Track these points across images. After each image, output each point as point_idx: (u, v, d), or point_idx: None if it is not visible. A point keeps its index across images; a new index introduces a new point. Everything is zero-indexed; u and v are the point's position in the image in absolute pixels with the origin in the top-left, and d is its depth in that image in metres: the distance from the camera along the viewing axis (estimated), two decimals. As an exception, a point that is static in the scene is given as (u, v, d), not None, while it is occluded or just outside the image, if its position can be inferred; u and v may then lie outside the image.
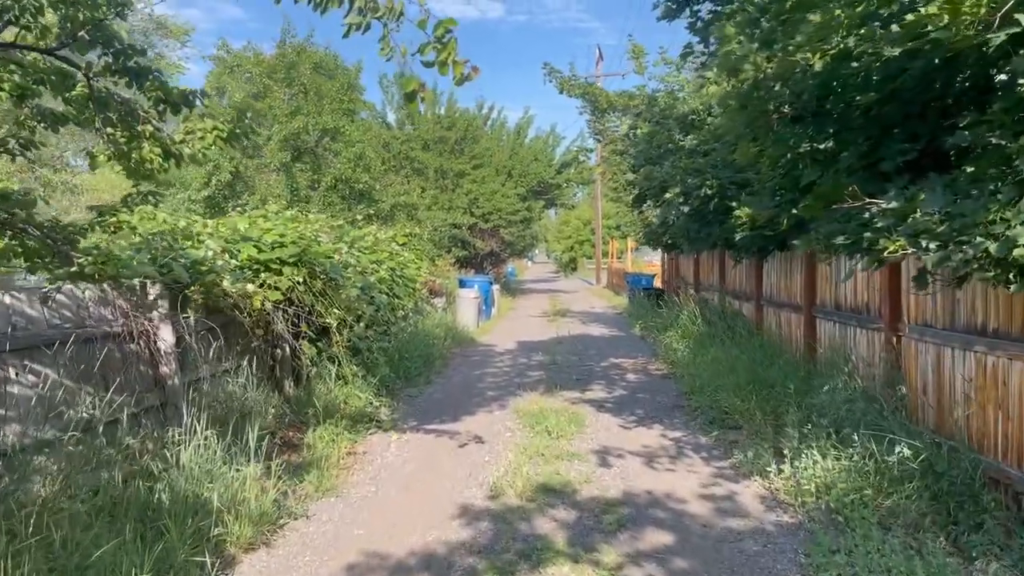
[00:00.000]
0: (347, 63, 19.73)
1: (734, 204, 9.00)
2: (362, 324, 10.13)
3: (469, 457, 7.27)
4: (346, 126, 17.36)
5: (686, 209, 9.71)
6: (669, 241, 14.90)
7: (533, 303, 29.47)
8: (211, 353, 7.28)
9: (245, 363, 7.82)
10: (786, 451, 6.42)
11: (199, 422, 6.13)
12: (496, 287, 23.11)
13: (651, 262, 41.91)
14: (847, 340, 8.12)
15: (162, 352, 6.54)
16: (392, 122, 30.36)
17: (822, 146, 4.63)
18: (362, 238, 11.11)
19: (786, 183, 5.12)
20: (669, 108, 11.69)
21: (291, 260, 8.25)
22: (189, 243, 7.63)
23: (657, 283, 23.83)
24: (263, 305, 7.97)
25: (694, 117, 10.97)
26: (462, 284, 20.14)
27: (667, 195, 9.75)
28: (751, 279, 12.06)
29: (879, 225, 4.00)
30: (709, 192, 9.29)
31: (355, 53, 32.15)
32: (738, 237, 9.03)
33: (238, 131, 5.04)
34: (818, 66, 4.15)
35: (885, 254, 3.87)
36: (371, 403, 9.03)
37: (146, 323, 6.40)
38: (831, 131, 4.63)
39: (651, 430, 8.22)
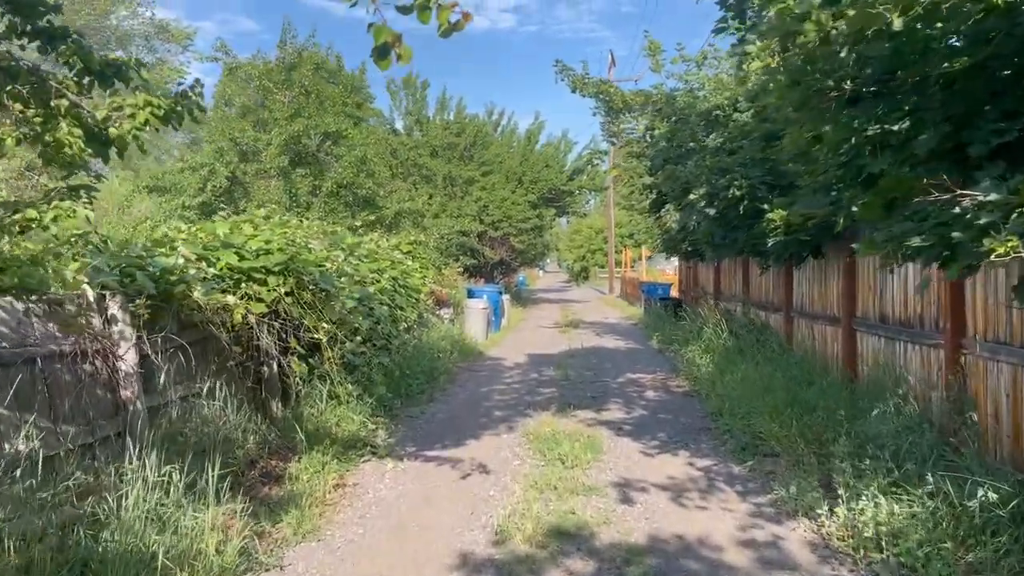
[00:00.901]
0: (352, 66, 19.04)
1: (765, 206, 8.19)
2: (359, 338, 9.33)
3: (472, 490, 6.44)
4: (349, 129, 16.63)
5: (712, 212, 8.89)
6: (689, 248, 14.04)
7: (544, 313, 28.63)
8: (183, 373, 6.50)
9: (223, 383, 7.05)
10: (837, 487, 5.57)
11: (160, 454, 5.35)
12: (506, 297, 22.30)
13: (664, 271, 41.01)
14: (896, 357, 7.25)
15: (123, 373, 5.75)
16: (400, 128, 29.69)
17: (895, 127, 3.80)
18: (359, 245, 10.33)
19: (845, 176, 4.27)
20: (690, 106, 10.88)
21: (277, 269, 7.48)
22: (161, 250, 6.87)
23: (673, 293, 22.95)
24: (245, 319, 7.22)
25: (719, 113, 10.15)
26: (470, 294, 19.34)
27: (691, 197, 8.91)
28: (780, 288, 11.19)
29: (982, 222, 3.16)
30: (738, 193, 8.46)
31: (361, 56, 31.52)
32: (770, 242, 8.19)
33: (180, 108, 4.24)
34: (897, 24, 3.33)
35: (993, 257, 3.02)
36: (366, 426, 8.23)
37: (103, 340, 5.63)
38: (907, 109, 3.79)
39: (676, 457, 7.36)
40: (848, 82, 4.04)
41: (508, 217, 28.73)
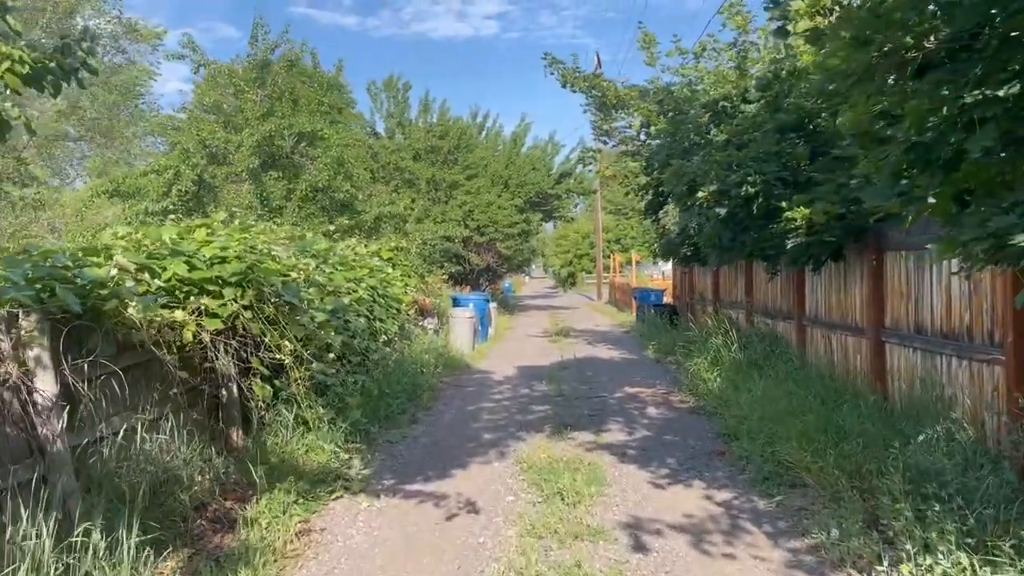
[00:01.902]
0: (328, 66, 18.06)
1: (783, 204, 7.34)
2: (331, 355, 8.40)
3: (459, 536, 5.53)
4: (324, 130, 15.69)
5: (722, 212, 8.05)
6: (688, 252, 13.19)
7: (532, 321, 27.74)
8: (119, 404, 5.56)
9: (171, 413, 6.11)
10: (890, 531, 4.71)
11: (89, 501, 4.43)
12: (493, 305, 21.39)
13: (652, 276, 40.27)
14: (937, 373, 6.41)
15: (39, 406, 4.80)
16: (381, 131, 28.77)
17: (1001, 92, 2.94)
18: (331, 251, 9.40)
19: (917, 160, 3.40)
20: (691, 100, 10.06)
21: (234, 279, 6.55)
22: (95, 259, 5.93)
23: (666, 299, 22.12)
24: (198, 337, 6.29)
25: (726, 104, 9.32)
26: (456, 302, 18.42)
27: (699, 195, 8.08)
28: (790, 295, 10.36)
29: None
30: (751, 190, 7.62)
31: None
32: (789, 244, 7.34)
33: (56, 66, 3.30)
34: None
35: None
36: (338, 455, 7.29)
37: (14, 368, 4.68)
38: (1017, 69, 2.94)
39: (690, 489, 6.48)
40: (932, 38, 3.18)
41: (494, 222, 27.86)
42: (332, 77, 17.18)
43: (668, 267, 45.47)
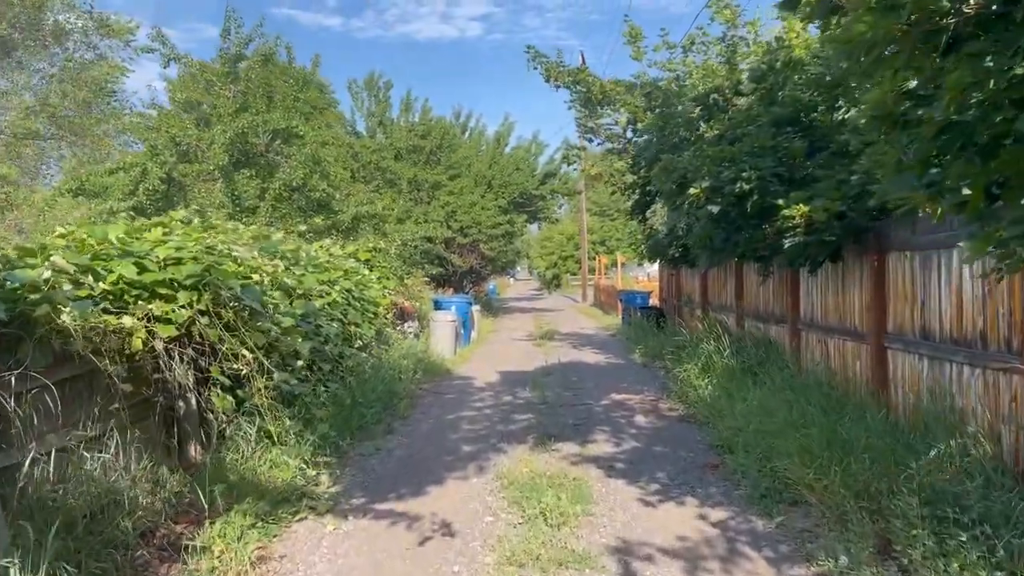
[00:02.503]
0: (305, 61, 17.47)
1: (780, 202, 6.91)
2: (300, 363, 7.89)
3: (433, 564, 5.04)
4: (300, 126, 15.12)
5: (714, 210, 7.60)
6: (677, 254, 12.75)
7: (516, 323, 27.26)
8: (53, 420, 5.02)
9: (120, 427, 5.58)
10: (905, 560, 4.27)
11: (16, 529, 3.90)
12: (476, 308, 20.89)
13: (638, 278, 39.93)
14: (947, 383, 5.99)
15: (-44, 426, 4.29)
16: (362, 130, 28.22)
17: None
18: (298, 251, 8.88)
19: (950, 143, 2.96)
20: (679, 94, 9.62)
21: (189, 282, 6.03)
22: (32, 260, 5.40)
23: (653, 301, 21.71)
24: (149, 345, 5.79)
25: (717, 97, 8.89)
26: (437, 305, 17.91)
27: (690, 192, 7.62)
28: (783, 298, 9.95)
29: None
30: (746, 187, 7.18)
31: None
32: (786, 243, 6.91)
33: None
34: None
35: None
36: (304, 471, 6.77)
37: (-74, 383, 4.16)
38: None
39: (683, 508, 6.02)
40: (971, 1, 2.73)
41: (477, 223, 27.37)
42: (308, 73, 16.61)
43: (653, 269, 45.09)
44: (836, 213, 6.51)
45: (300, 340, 7.49)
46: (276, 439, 7.07)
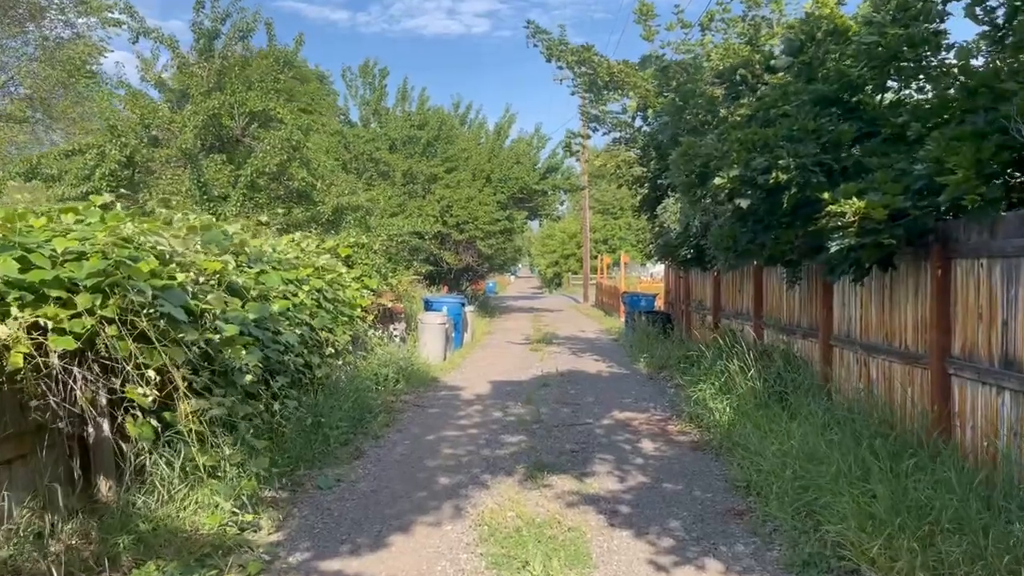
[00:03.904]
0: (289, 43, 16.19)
1: (824, 195, 5.68)
2: (249, 378, 6.66)
3: (378, 663, 3.82)
4: (277, 108, 13.86)
5: (743, 204, 6.35)
6: (689, 255, 11.51)
7: (514, 325, 26.03)
8: None
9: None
10: None
11: None
12: (470, 308, 19.67)
13: (641, 278, 38.70)
14: (1041, 424, 4.74)
15: None
16: (356, 119, 26.99)
17: None
18: (243, 243, 7.67)
19: None
20: (698, 71, 8.37)
21: (91, 283, 4.82)
22: None
23: (658, 304, 20.46)
24: (33, 361, 4.60)
25: (744, 72, 7.64)
26: (428, 305, 16.69)
27: (715, 181, 6.38)
28: (812, 308, 8.72)
29: None
30: (783, 176, 5.94)
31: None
32: (833, 246, 5.67)
33: None
34: None
35: None
36: (238, 515, 5.54)
37: None
38: None
39: (704, 574, 4.80)
40: None
41: (474, 218, 26.12)
42: (291, 52, 15.36)
43: (657, 269, 43.78)
44: (897, 210, 5.28)
45: (244, 351, 6.26)
46: (212, 472, 5.86)
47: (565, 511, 6.01)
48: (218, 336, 6.14)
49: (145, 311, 4.97)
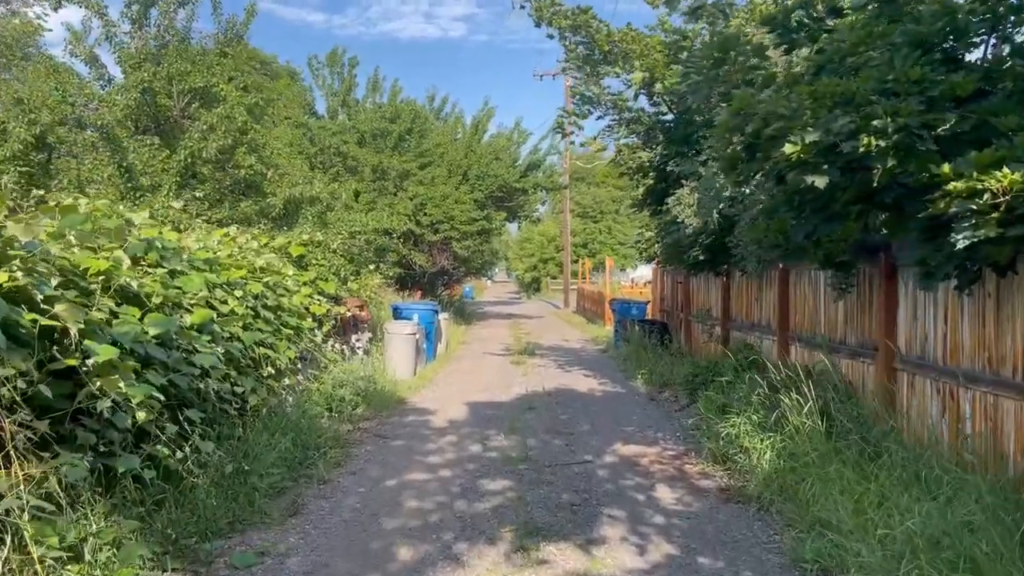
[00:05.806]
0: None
1: (944, 168, 4.01)
2: (142, 414, 4.86)
3: None
4: (221, 85, 12.01)
5: (821, 183, 4.61)
6: (702, 256, 9.83)
7: (492, 333, 24.27)
8: None
9: None
10: None
11: None
12: (444, 316, 17.89)
13: (621, 284, 37.16)
14: None
15: None
16: (322, 111, 25.15)
17: None
18: (149, 239, 5.89)
19: None
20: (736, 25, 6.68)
21: None
22: None
23: (650, 312, 18.81)
24: None
25: (802, 14, 5.95)
26: (396, 312, 14.89)
27: (785, 149, 4.66)
28: (865, 321, 7.09)
29: None
30: (879, 143, 4.26)
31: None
32: (959, 239, 3.98)
33: None
34: None
35: None
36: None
37: None
38: None
39: None
40: None
41: (450, 218, 24.34)
42: (241, 24, 13.49)
43: (638, 274, 42.20)
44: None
45: (121, 385, 4.47)
46: (68, 558, 4.06)
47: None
48: (90, 362, 4.41)
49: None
